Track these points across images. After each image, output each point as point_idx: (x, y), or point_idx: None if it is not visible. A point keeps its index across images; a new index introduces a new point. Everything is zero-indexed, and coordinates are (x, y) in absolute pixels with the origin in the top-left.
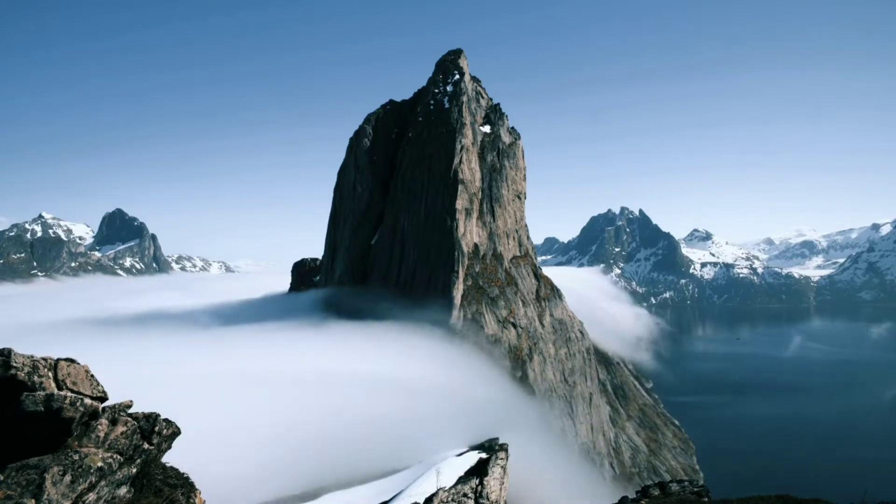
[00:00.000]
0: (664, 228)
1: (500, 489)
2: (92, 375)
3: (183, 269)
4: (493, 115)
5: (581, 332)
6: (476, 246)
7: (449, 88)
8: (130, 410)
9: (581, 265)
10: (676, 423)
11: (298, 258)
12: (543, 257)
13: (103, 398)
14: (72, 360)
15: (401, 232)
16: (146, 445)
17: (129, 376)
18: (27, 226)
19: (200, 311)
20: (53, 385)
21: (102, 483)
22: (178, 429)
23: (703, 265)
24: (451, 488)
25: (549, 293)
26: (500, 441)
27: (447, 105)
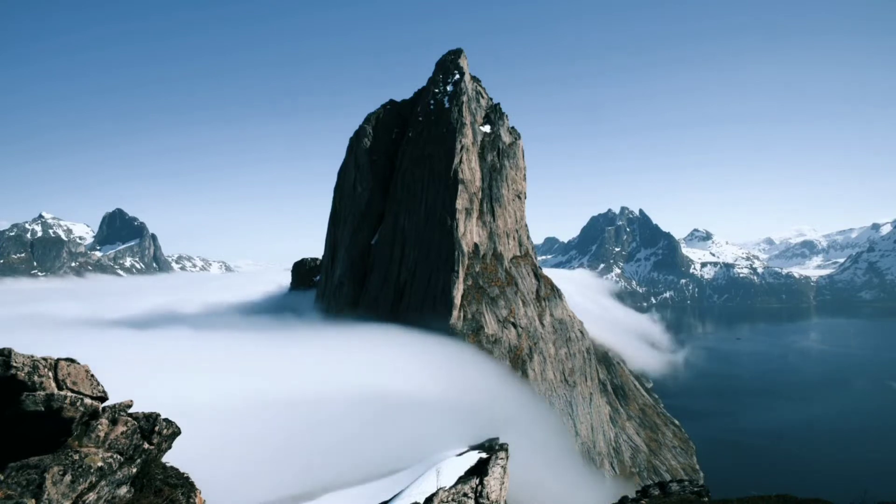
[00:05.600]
0: (664, 228)
1: (501, 489)
2: (92, 375)
3: (183, 268)
4: (494, 114)
5: (581, 332)
6: (476, 246)
7: (449, 88)
8: (130, 410)
9: (581, 265)
10: (676, 422)
11: (298, 258)
12: (543, 257)
13: (103, 398)
14: (72, 360)
15: (401, 232)
16: (146, 445)
17: (131, 376)
18: (27, 226)
19: (201, 311)
20: (53, 385)
21: (102, 483)
22: (179, 428)
23: (703, 265)
24: (451, 488)
25: (549, 293)
26: (501, 441)
27: (447, 105)
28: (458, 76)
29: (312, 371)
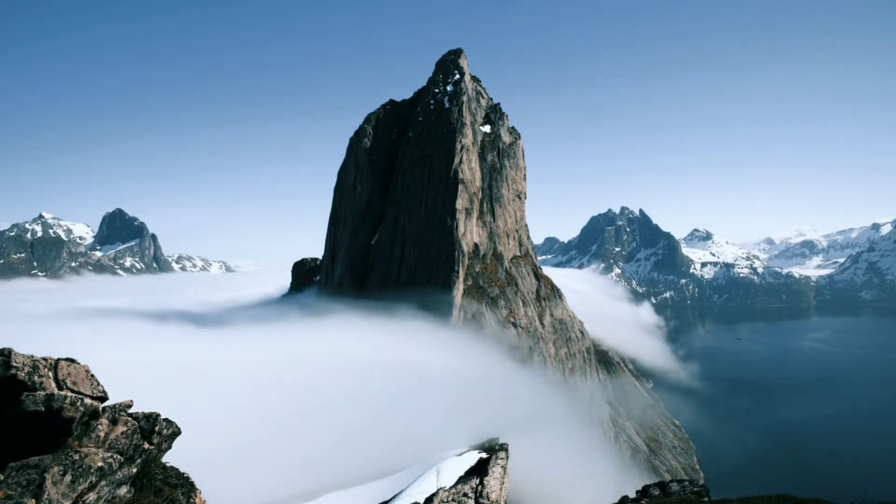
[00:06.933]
0: (664, 228)
1: (501, 489)
2: (92, 375)
3: (183, 269)
4: (494, 114)
5: (581, 332)
6: (476, 246)
7: (449, 88)
8: (130, 410)
9: (581, 265)
10: (677, 422)
11: (298, 258)
12: (543, 257)
13: (103, 398)
14: (72, 360)
15: (401, 232)
16: (146, 445)
17: (129, 373)
18: (27, 226)
19: (198, 310)
20: (54, 385)
21: (103, 483)
22: (179, 428)
23: (704, 265)
24: (451, 488)
25: (549, 293)
26: (506, 436)
27: (447, 105)
28: (458, 76)
29: (311, 371)
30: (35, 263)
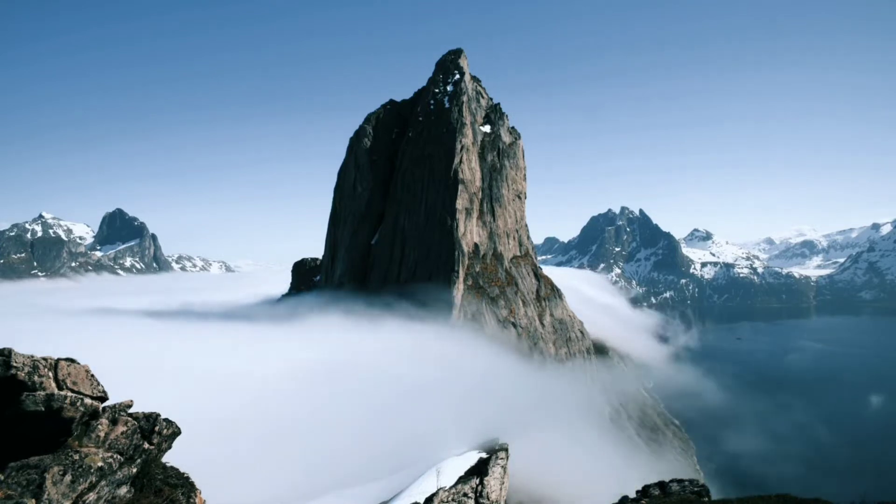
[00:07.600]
0: (664, 228)
1: (501, 489)
2: (92, 375)
3: (183, 269)
4: (494, 114)
5: (581, 332)
6: (476, 246)
7: (449, 88)
8: (130, 410)
9: (581, 265)
10: (677, 422)
11: (298, 258)
12: (543, 257)
13: (103, 398)
14: (72, 360)
15: (401, 232)
16: (146, 445)
17: (130, 374)
18: (27, 226)
19: (200, 310)
20: (54, 385)
21: (103, 483)
22: (179, 428)
23: (704, 265)
24: (451, 488)
25: (549, 293)
26: (507, 437)
27: (447, 105)
28: (458, 76)
29: (310, 371)
30: (35, 263)
